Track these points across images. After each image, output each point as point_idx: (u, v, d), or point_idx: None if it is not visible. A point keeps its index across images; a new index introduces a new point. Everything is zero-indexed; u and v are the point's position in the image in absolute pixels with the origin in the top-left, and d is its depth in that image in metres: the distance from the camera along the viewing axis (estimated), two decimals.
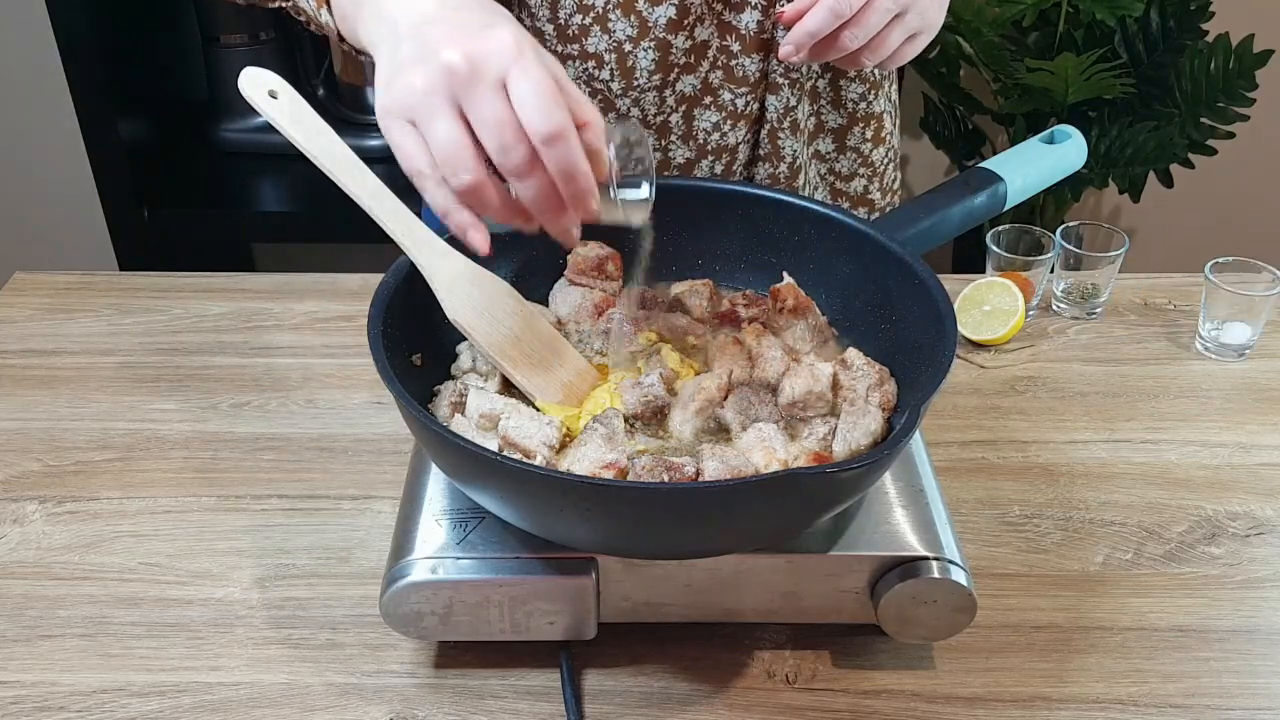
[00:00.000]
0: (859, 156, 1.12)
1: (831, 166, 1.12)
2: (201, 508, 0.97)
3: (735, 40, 1.00)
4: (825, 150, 1.11)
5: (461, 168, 0.70)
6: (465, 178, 0.70)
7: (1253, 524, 0.96)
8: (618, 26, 0.98)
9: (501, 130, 0.68)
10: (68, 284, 1.26)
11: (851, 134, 1.10)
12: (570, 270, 0.94)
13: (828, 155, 1.11)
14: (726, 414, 0.83)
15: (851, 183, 1.13)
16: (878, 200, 1.16)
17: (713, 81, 1.01)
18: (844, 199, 1.14)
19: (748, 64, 1.01)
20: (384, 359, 0.76)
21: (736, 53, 1.00)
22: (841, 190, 1.14)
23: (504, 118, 0.68)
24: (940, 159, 2.48)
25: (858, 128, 1.10)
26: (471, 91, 0.69)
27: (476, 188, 0.71)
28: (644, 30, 0.98)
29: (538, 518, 0.75)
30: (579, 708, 0.80)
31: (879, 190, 1.16)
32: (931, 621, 0.80)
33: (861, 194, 1.15)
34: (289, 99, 0.81)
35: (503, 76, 0.69)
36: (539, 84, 0.68)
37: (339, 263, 1.57)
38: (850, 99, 1.08)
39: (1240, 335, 1.15)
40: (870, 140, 1.11)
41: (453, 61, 0.69)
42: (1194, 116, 2.15)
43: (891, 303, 0.88)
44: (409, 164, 0.72)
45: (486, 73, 0.68)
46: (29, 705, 0.80)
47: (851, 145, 1.11)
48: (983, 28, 2.10)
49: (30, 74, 2.23)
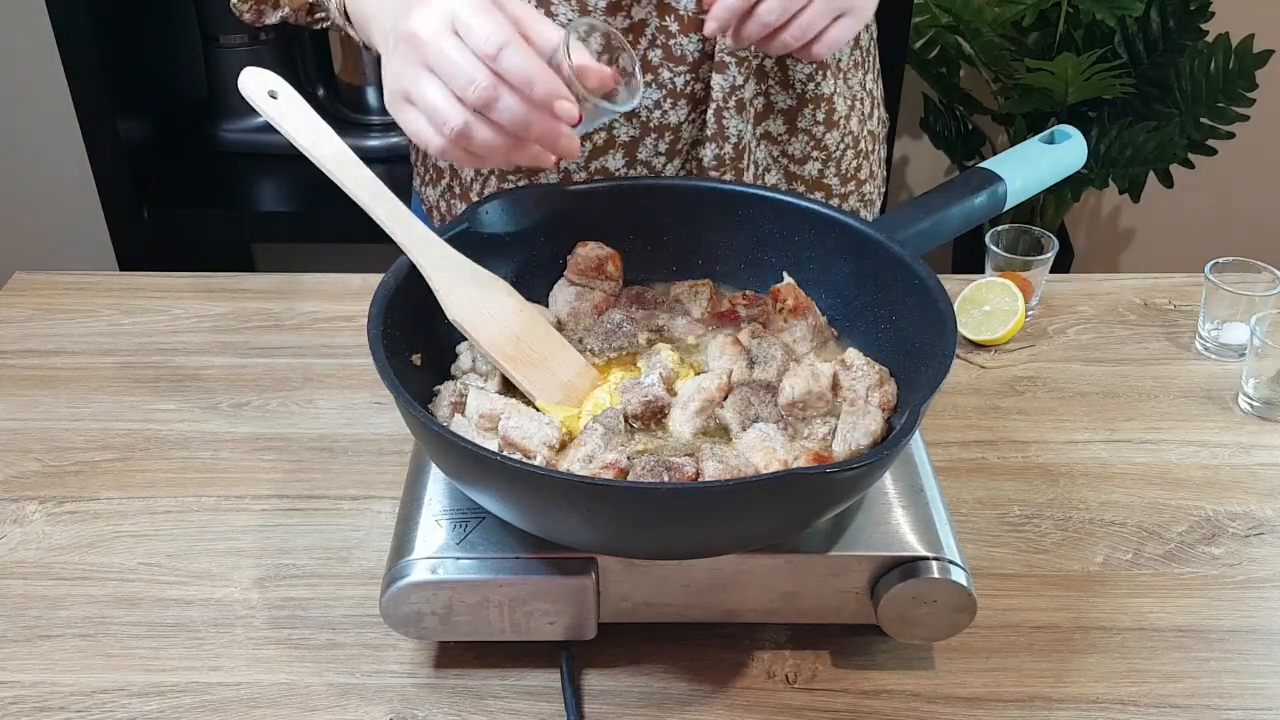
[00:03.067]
0: (810, 139, 1.11)
1: (784, 149, 1.12)
2: (201, 508, 0.97)
3: (673, 20, 1.01)
4: (776, 132, 1.11)
5: (447, 117, 0.75)
6: (453, 124, 0.75)
7: (1253, 524, 0.96)
8: (559, 10, 1.01)
9: (460, 68, 0.74)
10: (68, 284, 1.26)
11: (802, 116, 1.10)
12: (570, 270, 0.94)
13: (779, 137, 1.11)
14: (726, 414, 0.83)
15: (805, 166, 1.13)
16: (836, 187, 1.15)
17: (652, 59, 1.02)
18: (798, 183, 1.14)
19: (686, 43, 1.02)
20: (384, 359, 0.76)
21: (675, 32, 1.01)
22: (795, 174, 1.13)
23: (459, 56, 0.74)
24: (940, 159, 2.48)
25: (808, 109, 1.10)
26: (430, 48, 0.74)
27: (464, 131, 0.76)
28: (583, 11, 1.01)
29: (538, 518, 0.75)
30: (579, 708, 0.80)
31: (837, 177, 1.15)
32: (931, 621, 0.80)
33: (816, 178, 1.14)
34: (289, 99, 0.81)
35: (451, 24, 0.74)
36: (477, 9, 0.74)
37: (339, 263, 1.57)
38: (798, 79, 1.08)
39: (1240, 335, 1.15)
40: (822, 124, 1.11)
41: (410, 29, 0.75)
42: (1194, 116, 2.16)
43: (891, 303, 0.88)
44: (421, 139, 0.78)
45: (438, 27, 0.74)
46: (29, 705, 0.80)
47: (802, 127, 1.11)
48: (983, 28, 2.10)
49: (30, 74, 2.23)
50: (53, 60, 1.88)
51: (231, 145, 2.09)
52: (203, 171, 2.10)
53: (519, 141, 0.78)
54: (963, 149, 2.33)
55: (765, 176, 1.12)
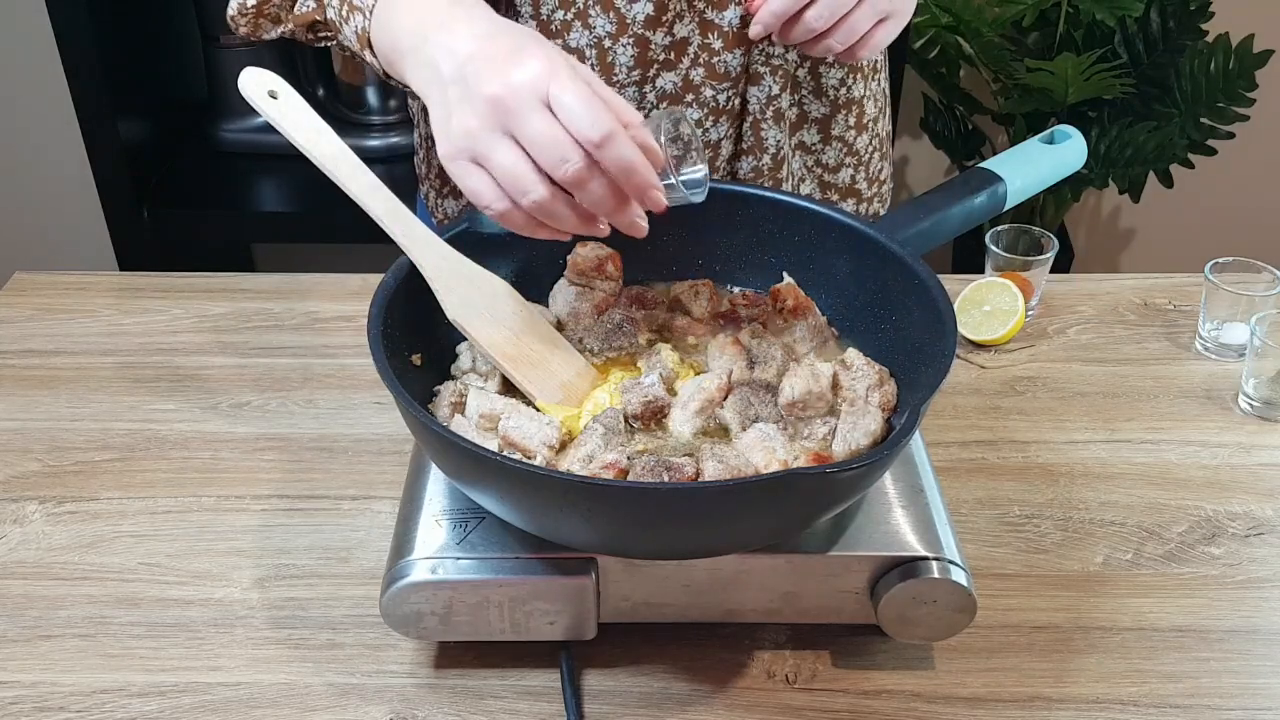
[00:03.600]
0: (844, 145, 1.12)
1: (818, 158, 1.12)
2: (201, 508, 0.97)
3: (717, 38, 1.01)
4: (810, 141, 1.11)
5: (528, 188, 0.73)
6: (533, 196, 0.73)
7: (1253, 524, 0.96)
8: (598, 22, 1.00)
9: (554, 145, 0.72)
10: (68, 284, 1.26)
11: (835, 122, 1.10)
12: (570, 270, 0.94)
13: (813, 147, 1.11)
14: (726, 414, 0.83)
15: (839, 174, 1.14)
16: (864, 191, 1.16)
17: (694, 78, 1.02)
18: (832, 191, 1.14)
19: (730, 60, 1.02)
20: (384, 359, 0.76)
21: (719, 50, 1.01)
22: (830, 183, 1.14)
23: (554, 133, 0.72)
24: (940, 159, 2.48)
25: (840, 115, 1.10)
26: (518, 117, 0.72)
27: (544, 204, 0.74)
28: (622, 26, 0.99)
29: (538, 518, 0.75)
30: (579, 708, 0.80)
31: (865, 180, 1.16)
32: (931, 621, 0.80)
33: (849, 185, 1.15)
34: (289, 99, 0.81)
35: (543, 96, 0.72)
36: (578, 94, 0.72)
37: (339, 263, 1.57)
38: (830, 85, 1.08)
39: (1240, 335, 1.14)
40: (854, 128, 1.11)
41: (495, 94, 0.72)
42: (1194, 116, 2.16)
43: (891, 303, 0.88)
44: (482, 200, 0.75)
45: (528, 96, 0.72)
46: (29, 705, 0.80)
47: (836, 134, 1.11)
48: (983, 28, 2.10)
49: (30, 74, 2.23)
50: (53, 60, 1.88)
51: (231, 145, 2.09)
52: (203, 171, 2.10)
53: (590, 218, 0.77)
54: (963, 149, 2.33)
55: (800, 187, 1.13)
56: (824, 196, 1.14)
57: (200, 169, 2.10)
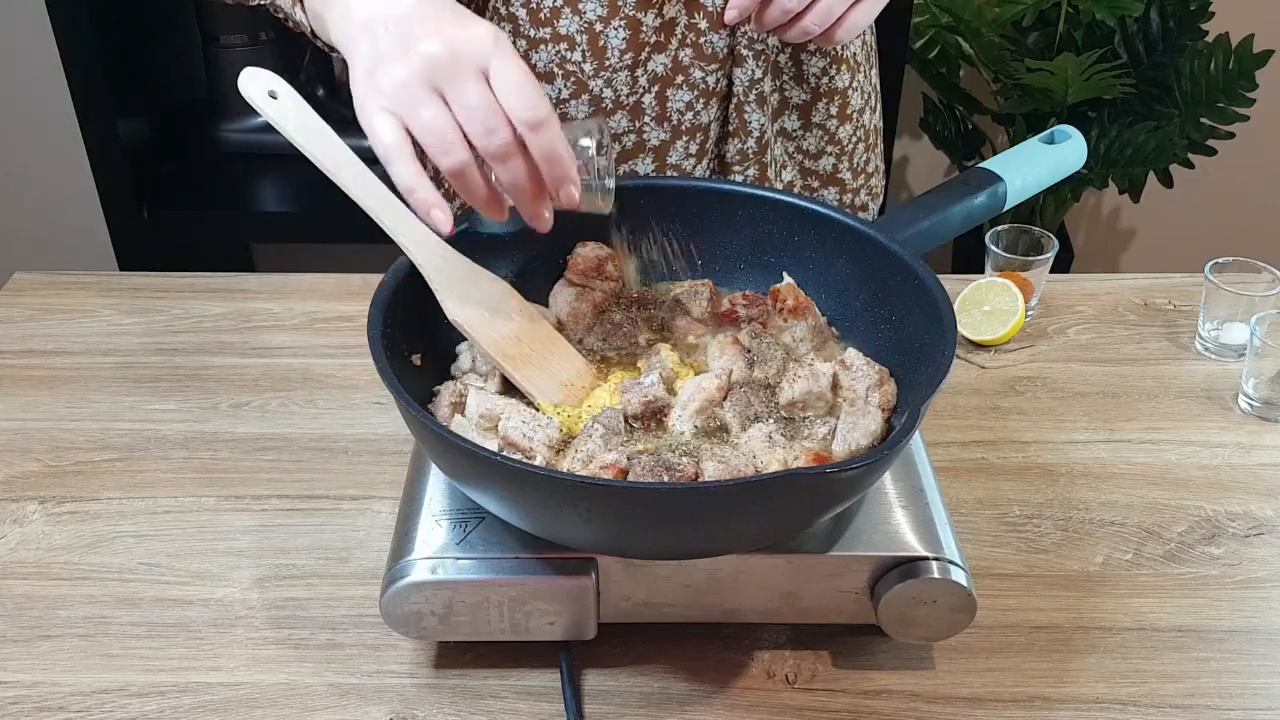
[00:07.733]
0: (825, 133, 1.12)
1: (799, 145, 1.12)
2: (201, 508, 0.97)
3: (703, 17, 1.01)
4: (791, 128, 1.11)
5: (449, 148, 0.73)
6: (454, 157, 0.73)
7: (1253, 524, 0.96)
8: (588, 7, 1.00)
9: (486, 114, 0.72)
10: (68, 284, 1.26)
11: (816, 110, 1.10)
12: (570, 271, 0.94)
13: (794, 133, 1.11)
14: (726, 414, 0.83)
15: (820, 161, 1.13)
16: (849, 181, 1.16)
17: (683, 59, 1.02)
18: (813, 178, 1.14)
19: (715, 40, 1.02)
20: (384, 359, 0.76)
21: (704, 29, 1.01)
22: (811, 169, 1.14)
23: (488, 102, 0.72)
24: (940, 159, 2.48)
25: (821, 103, 1.10)
26: (455, 78, 0.72)
27: (464, 168, 0.74)
28: (614, 9, 0.99)
29: (538, 518, 0.75)
30: (579, 708, 0.80)
31: (849, 170, 1.16)
32: (931, 622, 0.80)
33: (830, 173, 1.14)
34: (289, 99, 0.81)
35: (483, 66, 0.72)
36: (520, 73, 0.72)
37: (339, 263, 1.57)
38: (812, 74, 1.08)
39: (1240, 335, 1.15)
40: (835, 117, 1.11)
41: (434, 51, 0.72)
42: (1194, 116, 2.16)
43: (891, 303, 0.88)
44: (382, 143, 0.74)
45: (468, 61, 0.72)
46: (29, 705, 0.80)
47: (817, 121, 1.11)
48: (983, 28, 2.10)
49: (30, 74, 2.23)
50: (53, 60, 1.88)
51: (231, 145, 2.09)
52: (203, 171, 2.10)
53: (496, 198, 0.77)
54: (963, 149, 2.33)
55: (782, 173, 1.13)
56: (805, 183, 1.14)
57: (200, 169, 2.10)
